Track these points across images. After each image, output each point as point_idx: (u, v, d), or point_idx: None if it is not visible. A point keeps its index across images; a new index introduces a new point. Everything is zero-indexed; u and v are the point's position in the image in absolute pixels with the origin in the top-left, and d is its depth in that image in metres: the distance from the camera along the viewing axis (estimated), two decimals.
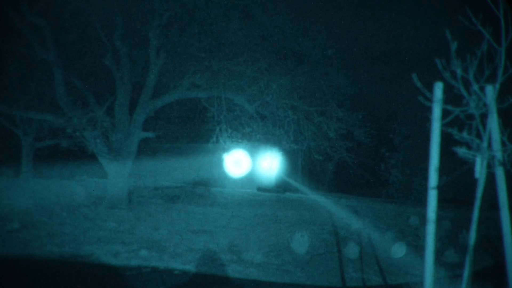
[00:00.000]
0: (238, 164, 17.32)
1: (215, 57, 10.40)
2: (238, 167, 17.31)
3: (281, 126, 11.18)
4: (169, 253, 7.24)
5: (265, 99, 10.64)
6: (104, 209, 10.78)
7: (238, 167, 17.32)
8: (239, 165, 17.32)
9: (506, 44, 2.66)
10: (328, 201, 15.12)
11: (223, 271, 6.43)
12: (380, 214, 11.91)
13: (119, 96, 11.18)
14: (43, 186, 12.80)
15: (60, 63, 10.52)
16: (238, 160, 17.30)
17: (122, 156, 11.17)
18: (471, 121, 2.81)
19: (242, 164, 17.33)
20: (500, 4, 2.60)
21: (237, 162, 17.30)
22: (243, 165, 17.34)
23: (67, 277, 6.00)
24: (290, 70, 10.69)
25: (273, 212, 11.82)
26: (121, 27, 10.60)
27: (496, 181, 2.86)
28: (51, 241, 7.65)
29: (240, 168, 17.31)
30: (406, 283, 5.83)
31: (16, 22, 10.17)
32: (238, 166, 17.30)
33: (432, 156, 2.87)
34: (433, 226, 2.87)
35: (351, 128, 11.43)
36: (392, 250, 7.62)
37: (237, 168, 17.23)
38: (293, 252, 7.55)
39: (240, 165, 17.30)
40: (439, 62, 2.70)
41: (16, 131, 16.22)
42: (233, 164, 17.44)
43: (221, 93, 10.64)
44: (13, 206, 9.97)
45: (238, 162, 17.33)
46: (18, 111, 11.91)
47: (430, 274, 2.86)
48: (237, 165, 17.27)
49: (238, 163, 17.30)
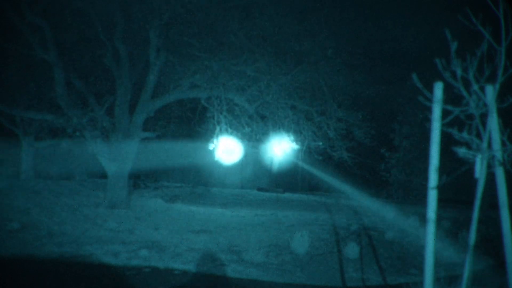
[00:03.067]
0: (229, 152, 17.21)
1: (215, 57, 10.39)
2: (229, 155, 17.19)
3: (281, 126, 11.18)
4: (169, 253, 7.24)
5: (265, 99, 10.63)
6: (104, 209, 10.78)
7: (229, 155, 17.19)
8: (231, 153, 17.22)
9: (506, 44, 2.66)
10: (329, 201, 15.12)
11: (223, 271, 6.43)
12: (380, 214, 11.90)
13: (119, 96, 11.18)
14: (43, 186, 12.80)
15: (60, 63, 10.52)
16: (229, 149, 17.19)
17: (122, 156, 11.17)
18: (471, 121, 2.81)
19: (233, 152, 17.24)
20: (500, 4, 2.60)
21: (228, 150, 17.19)
22: (234, 152, 17.24)
23: (67, 277, 6.00)
24: (290, 70, 10.68)
25: (273, 212, 11.82)
26: (121, 27, 10.60)
27: (496, 181, 2.85)
28: (51, 241, 7.65)
29: (232, 155, 17.18)
30: (406, 283, 5.83)
31: (16, 22, 10.17)
32: (229, 154, 17.17)
33: (432, 156, 2.87)
34: (433, 226, 2.87)
35: (351, 128, 11.43)
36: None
37: (229, 156, 17.11)
38: (293, 252, 7.55)
39: (231, 153, 17.20)
40: (439, 62, 2.69)
41: (16, 131, 16.21)
42: (225, 152, 17.32)
43: (221, 93, 10.63)
44: (13, 206, 9.97)
45: (229, 150, 17.22)
46: (18, 111, 11.91)
47: (430, 274, 2.86)
48: (228, 153, 17.16)
49: (229, 151, 17.19)
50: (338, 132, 11.25)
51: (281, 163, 19.03)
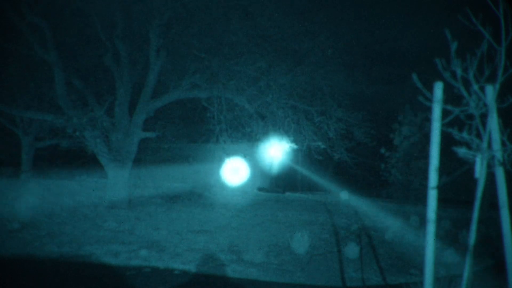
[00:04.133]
0: (236, 171, 17.54)
1: (215, 57, 10.40)
2: (236, 174, 17.53)
3: (281, 126, 11.18)
4: (169, 253, 7.24)
5: (265, 99, 10.64)
6: (104, 209, 10.77)
7: (236, 174, 17.54)
8: (238, 172, 17.55)
9: (506, 44, 2.66)
10: (329, 201, 15.12)
11: (223, 271, 6.43)
12: (380, 214, 11.90)
13: (119, 96, 11.18)
14: (43, 186, 12.80)
15: (60, 63, 10.52)
16: (236, 168, 17.53)
17: (122, 156, 11.17)
18: (471, 121, 2.81)
19: (240, 171, 17.55)
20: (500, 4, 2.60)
21: (235, 169, 17.53)
22: (241, 172, 17.55)
23: (67, 277, 6.00)
24: (290, 70, 10.69)
25: (273, 212, 11.81)
26: (121, 27, 10.60)
27: (496, 181, 2.85)
28: (51, 241, 7.65)
29: (239, 175, 17.52)
30: (406, 283, 5.83)
31: (16, 22, 10.17)
32: (236, 173, 17.52)
33: (432, 156, 2.87)
34: (433, 226, 2.87)
35: (351, 128, 11.43)
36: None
37: (236, 175, 17.46)
38: (293, 252, 7.55)
39: (238, 172, 17.53)
40: (439, 62, 2.69)
41: (16, 131, 16.22)
42: (232, 171, 17.69)
43: (221, 93, 10.64)
44: (13, 206, 9.97)
45: (236, 169, 17.55)
46: (18, 111, 11.91)
47: (430, 274, 2.86)
48: (235, 172, 17.50)
49: (236, 170, 17.53)
50: (338, 132, 11.26)
51: (281, 163, 19.03)
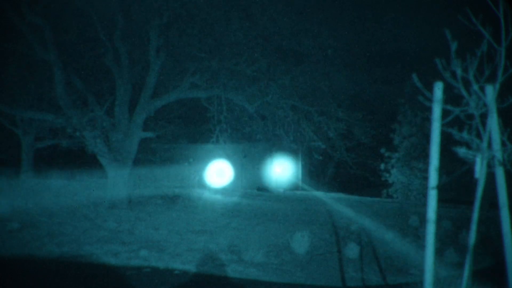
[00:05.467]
0: (220, 173, 17.77)
1: (215, 57, 10.40)
2: (220, 176, 17.76)
3: (281, 126, 11.18)
4: (169, 253, 7.24)
5: (265, 99, 10.64)
6: (104, 209, 10.77)
7: (221, 176, 17.76)
8: (222, 175, 17.79)
9: (506, 44, 2.66)
10: (329, 200, 15.11)
11: (223, 271, 6.43)
12: (380, 214, 11.90)
13: (119, 96, 11.18)
14: (43, 186, 12.80)
15: (60, 63, 10.52)
16: (220, 170, 17.77)
17: (122, 156, 11.17)
18: (471, 121, 2.81)
19: (225, 173, 17.81)
20: (500, 4, 2.60)
21: (219, 171, 17.77)
22: (226, 174, 17.80)
23: (67, 277, 6.00)
24: (290, 70, 10.69)
25: (273, 212, 11.81)
26: (121, 27, 10.60)
27: (496, 181, 2.86)
28: (51, 241, 7.65)
29: (223, 177, 17.74)
30: (406, 283, 5.84)
31: (16, 22, 10.17)
32: (220, 176, 17.75)
33: (432, 156, 2.87)
34: (433, 226, 2.87)
35: (351, 128, 11.43)
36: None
37: (220, 177, 17.67)
38: (293, 252, 7.55)
39: (223, 175, 17.78)
40: (439, 62, 2.70)
41: (16, 131, 16.22)
42: (232, 171, 17.83)
43: (221, 93, 10.64)
44: (13, 206, 9.97)
45: (220, 171, 17.80)
46: (18, 111, 11.91)
47: (430, 274, 2.86)
48: (220, 174, 17.72)
49: (221, 172, 17.77)
50: (338, 132, 11.26)
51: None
